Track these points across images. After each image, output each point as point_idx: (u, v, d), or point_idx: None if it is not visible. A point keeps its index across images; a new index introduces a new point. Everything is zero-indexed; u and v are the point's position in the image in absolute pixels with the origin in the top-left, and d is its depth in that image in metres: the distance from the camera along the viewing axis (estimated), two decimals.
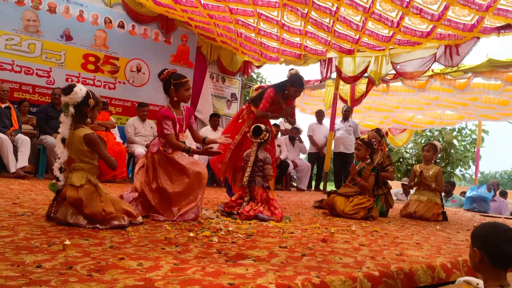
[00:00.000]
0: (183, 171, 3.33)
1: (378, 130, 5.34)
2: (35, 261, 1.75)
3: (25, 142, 5.89)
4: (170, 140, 3.38)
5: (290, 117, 4.69)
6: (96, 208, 2.66)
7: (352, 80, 8.51)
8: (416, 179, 5.57)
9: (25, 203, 3.47)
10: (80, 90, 2.77)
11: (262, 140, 3.92)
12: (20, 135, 5.96)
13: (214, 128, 8.24)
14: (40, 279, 1.52)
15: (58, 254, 1.89)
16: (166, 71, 3.49)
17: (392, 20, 6.28)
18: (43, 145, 6.19)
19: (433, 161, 5.54)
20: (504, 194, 9.54)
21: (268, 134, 3.94)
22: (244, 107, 4.81)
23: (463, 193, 9.93)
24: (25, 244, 2.05)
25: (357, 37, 7.14)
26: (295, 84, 4.42)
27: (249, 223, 3.38)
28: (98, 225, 2.65)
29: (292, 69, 4.60)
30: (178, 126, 3.49)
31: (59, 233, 2.41)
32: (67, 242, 2.01)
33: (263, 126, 3.95)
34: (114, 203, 2.82)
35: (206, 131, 8.20)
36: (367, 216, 4.41)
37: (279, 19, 7.35)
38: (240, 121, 4.67)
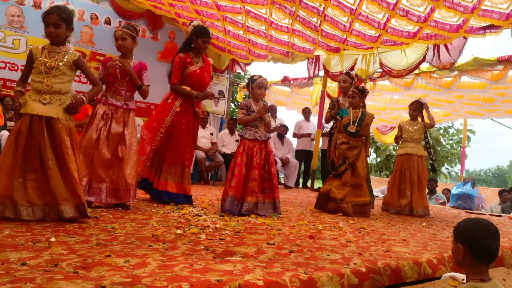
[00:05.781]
0: None
1: (347, 73, 5.61)
2: (20, 259, 1.73)
3: None
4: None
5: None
6: None
7: (339, 76, 8.51)
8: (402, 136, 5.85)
9: None
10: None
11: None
12: (4, 132, 5.86)
13: (203, 126, 8.20)
14: (25, 277, 1.50)
15: (43, 252, 1.87)
16: None
17: (379, 22, 6.31)
18: None
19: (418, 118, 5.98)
20: None
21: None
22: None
23: (446, 190, 10.04)
24: (9, 241, 2.03)
25: (344, 37, 7.16)
26: (200, 34, 4.08)
27: (237, 220, 3.38)
28: None
29: (192, 21, 4.22)
30: (119, 73, 3.63)
31: (44, 230, 2.38)
32: (53, 239, 1.99)
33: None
34: None
35: None
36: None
37: (267, 17, 7.33)
38: (169, 101, 4.14)
